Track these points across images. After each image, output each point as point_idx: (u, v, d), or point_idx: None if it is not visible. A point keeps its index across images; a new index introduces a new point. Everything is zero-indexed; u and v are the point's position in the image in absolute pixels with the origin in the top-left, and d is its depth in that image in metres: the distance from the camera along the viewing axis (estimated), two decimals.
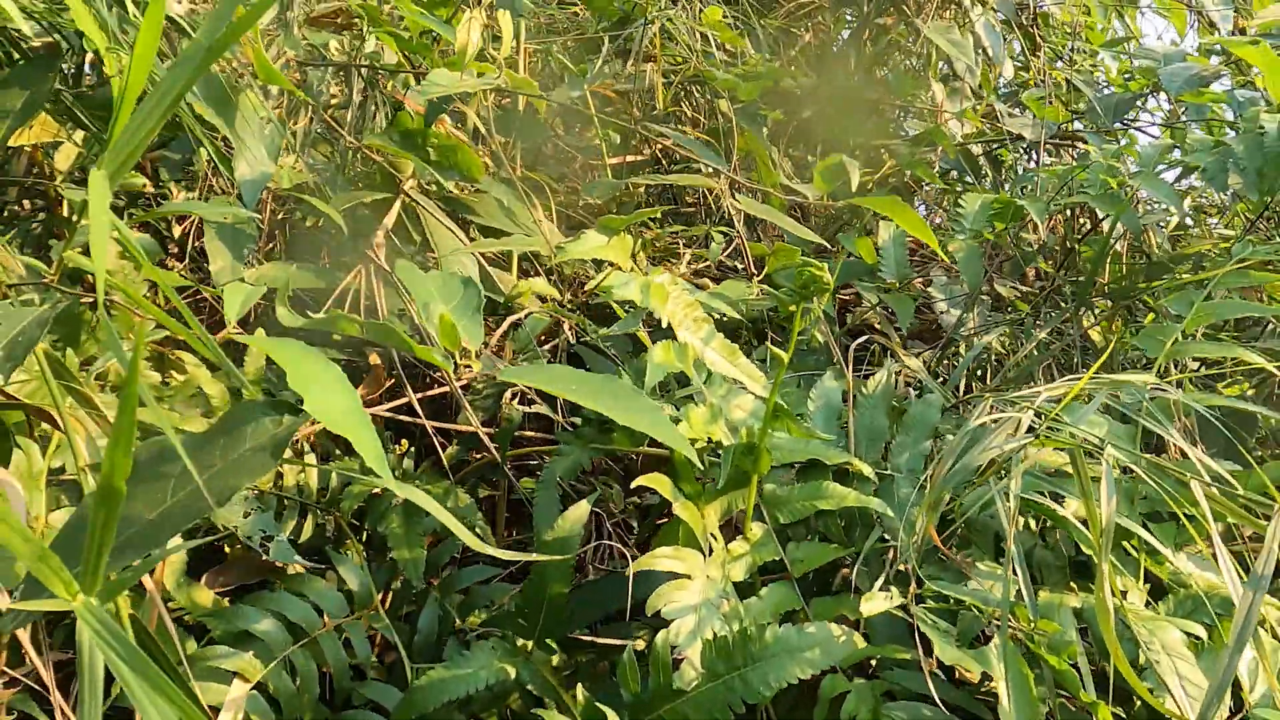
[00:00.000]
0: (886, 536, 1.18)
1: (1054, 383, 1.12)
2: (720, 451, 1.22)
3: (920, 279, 2.47)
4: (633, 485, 1.01)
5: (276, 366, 1.51)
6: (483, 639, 1.10)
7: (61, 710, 0.97)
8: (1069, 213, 2.41)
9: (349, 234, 1.54)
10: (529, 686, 1.13)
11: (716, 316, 1.42)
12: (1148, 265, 1.69)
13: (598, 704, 0.93)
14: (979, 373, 1.98)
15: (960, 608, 0.96)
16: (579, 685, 0.98)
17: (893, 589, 0.98)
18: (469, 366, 0.93)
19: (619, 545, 1.36)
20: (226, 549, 1.45)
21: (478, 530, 1.47)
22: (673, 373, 1.40)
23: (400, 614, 1.34)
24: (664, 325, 1.32)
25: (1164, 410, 1.15)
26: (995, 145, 2.50)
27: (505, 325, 1.57)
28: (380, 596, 1.36)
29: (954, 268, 2.69)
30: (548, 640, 1.11)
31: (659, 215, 2.18)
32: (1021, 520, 1.22)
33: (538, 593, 1.09)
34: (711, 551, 1.09)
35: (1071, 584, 1.09)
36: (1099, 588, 0.79)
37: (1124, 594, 1.06)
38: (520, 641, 1.13)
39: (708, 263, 2.18)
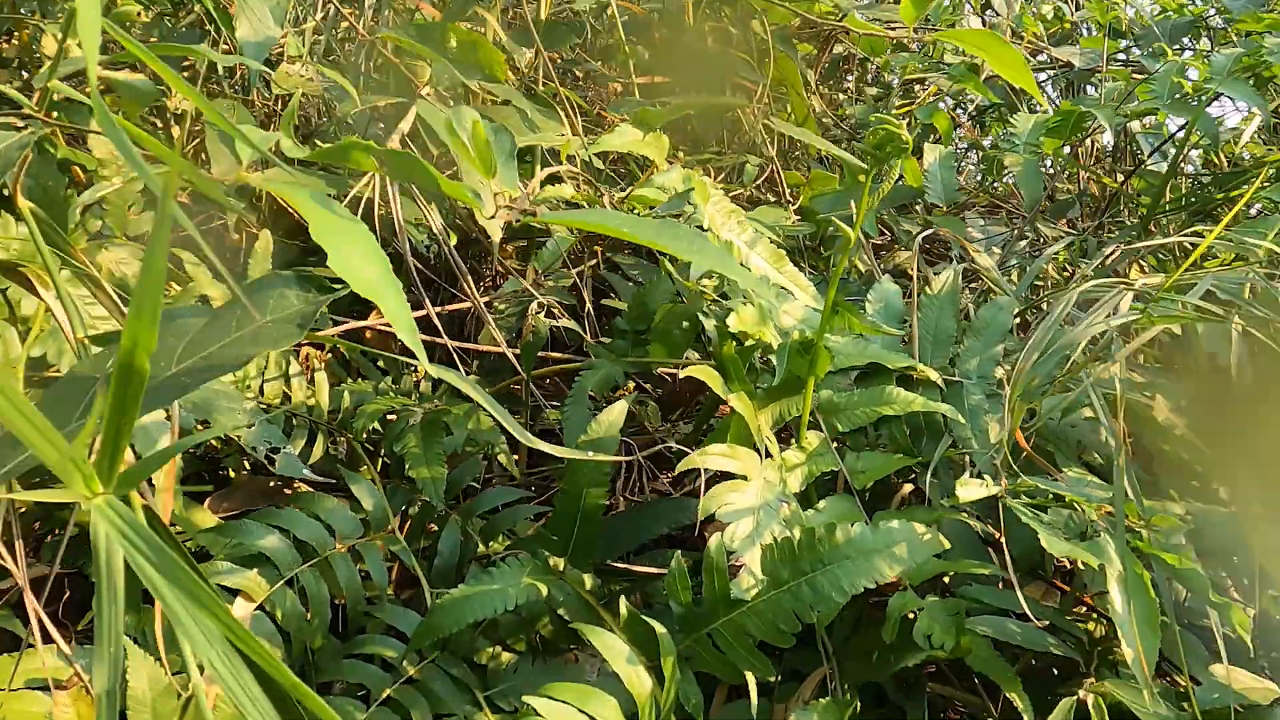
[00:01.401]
0: (957, 445, 1.06)
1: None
2: (771, 357, 1.11)
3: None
4: (680, 375, 0.90)
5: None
6: (509, 560, 0.98)
7: (43, 622, 0.86)
8: (1118, 150, 2.27)
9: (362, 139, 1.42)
10: (561, 610, 1.02)
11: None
12: (1220, 175, 1.56)
13: (644, 617, 0.82)
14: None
15: (1055, 504, 0.85)
16: (621, 599, 0.87)
17: (987, 478, 0.86)
18: (506, 207, 0.81)
19: (654, 473, 1.24)
20: (231, 473, 1.34)
21: (499, 456, 1.36)
22: (714, 285, 1.29)
23: (418, 539, 1.24)
24: (704, 228, 1.20)
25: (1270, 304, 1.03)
26: (1040, 78, 2.36)
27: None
28: (397, 521, 1.25)
29: (993, 208, 2.56)
30: (582, 557, 1.00)
31: (691, 133, 2.06)
32: (1103, 433, 1.10)
33: (571, 503, 0.98)
34: (768, 454, 0.97)
35: (1171, 493, 0.98)
36: None
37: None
38: (552, 560, 1.02)
39: (741, 191, 2.06)
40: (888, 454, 1.05)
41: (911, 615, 0.93)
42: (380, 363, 1.60)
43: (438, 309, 1.40)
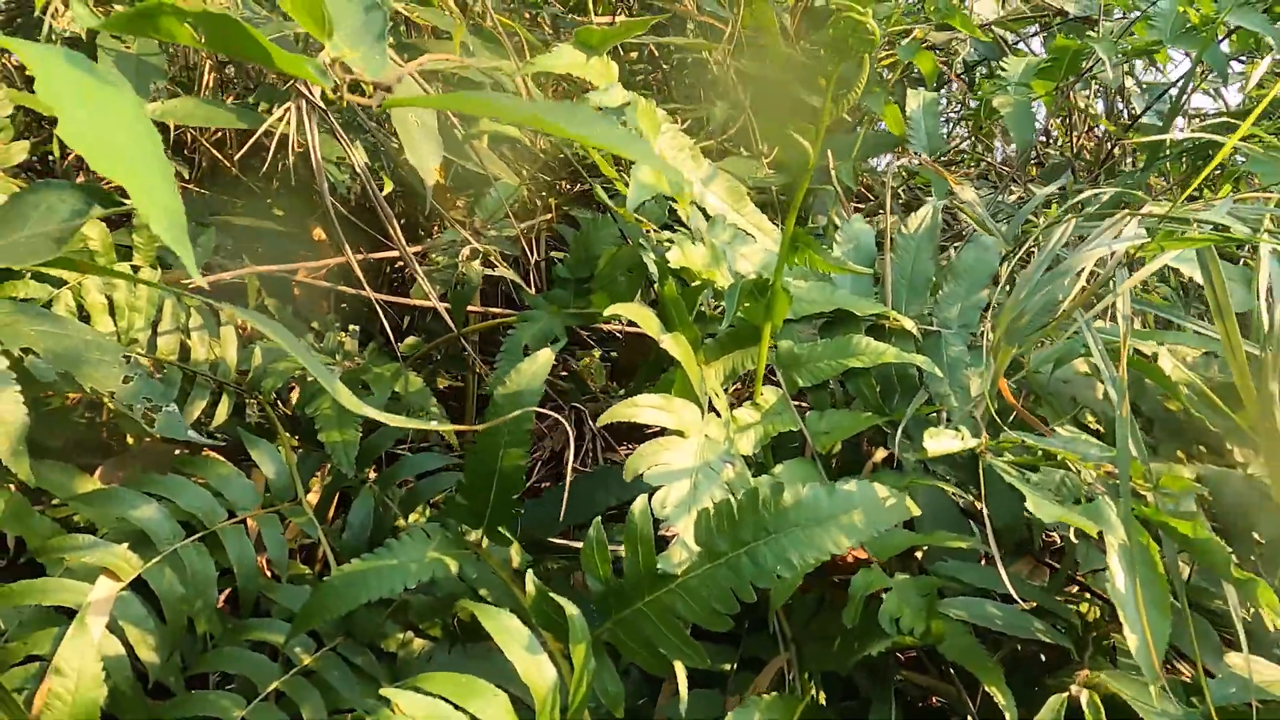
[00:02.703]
0: (935, 403, 0.93)
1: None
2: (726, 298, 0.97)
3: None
4: (606, 312, 0.76)
5: None
6: (413, 532, 0.85)
7: None
8: (1113, 112, 2.14)
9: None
10: (484, 590, 0.89)
11: None
12: (1226, 115, 1.42)
13: (553, 595, 0.68)
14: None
15: (1045, 463, 0.71)
16: (529, 575, 0.74)
17: (963, 430, 0.73)
18: (359, 91, 0.67)
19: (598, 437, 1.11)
20: (130, 439, 1.20)
21: (433, 415, 1.22)
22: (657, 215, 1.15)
23: (330, 510, 1.10)
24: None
25: None
26: (1032, 30, 2.22)
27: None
28: (317, 491, 1.12)
29: (975, 169, 2.42)
30: (501, 528, 0.87)
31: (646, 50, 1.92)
32: (1100, 389, 0.96)
33: (485, 463, 0.84)
34: (714, 411, 0.84)
35: (1179, 454, 0.85)
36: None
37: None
38: (468, 532, 0.89)
39: (709, 143, 1.92)
40: (855, 413, 0.92)
41: (881, 596, 0.80)
42: (316, 325, 1.46)
43: (359, 256, 1.26)
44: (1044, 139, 2.46)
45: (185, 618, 0.89)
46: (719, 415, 0.82)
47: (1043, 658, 0.92)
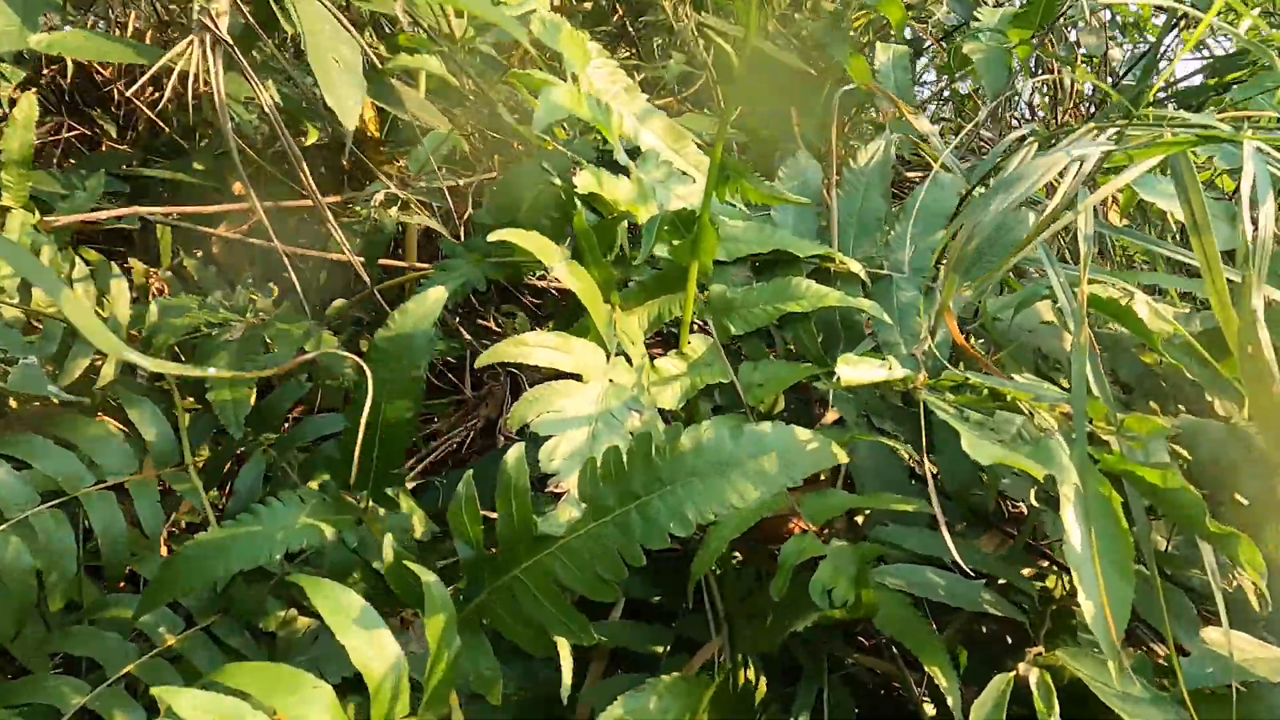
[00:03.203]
0: (882, 351, 0.83)
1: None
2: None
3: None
4: (490, 237, 0.66)
5: None
6: (284, 495, 0.75)
7: None
8: (1099, 72, 2.04)
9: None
10: (375, 561, 0.79)
11: None
12: (1216, 62, 1.32)
13: (408, 563, 0.58)
14: None
15: (996, 405, 0.61)
16: (386, 539, 0.63)
17: (890, 359, 0.63)
18: None
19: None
20: (14, 404, 1.10)
21: (347, 377, 1.11)
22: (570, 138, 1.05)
23: (223, 477, 1.00)
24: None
25: None
26: None
27: None
28: (199, 454, 1.01)
29: (955, 139, 2.32)
30: (389, 490, 0.77)
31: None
32: (1068, 340, 0.86)
33: (377, 386, 0.74)
34: (627, 359, 0.73)
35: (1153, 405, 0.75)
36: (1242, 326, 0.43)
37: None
38: (350, 496, 0.78)
39: (668, 99, 1.82)
40: (793, 363, 0.82)
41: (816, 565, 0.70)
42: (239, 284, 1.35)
43: (268, 204, 1.15)
44: (1027, 114, 2.37)
45: (34, 591, 0.79)
46: (630, 362, 0.72)
47: (1008, 638, 0.82)
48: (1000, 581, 0.71)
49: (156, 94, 1.53)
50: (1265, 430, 0.53)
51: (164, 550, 0.93)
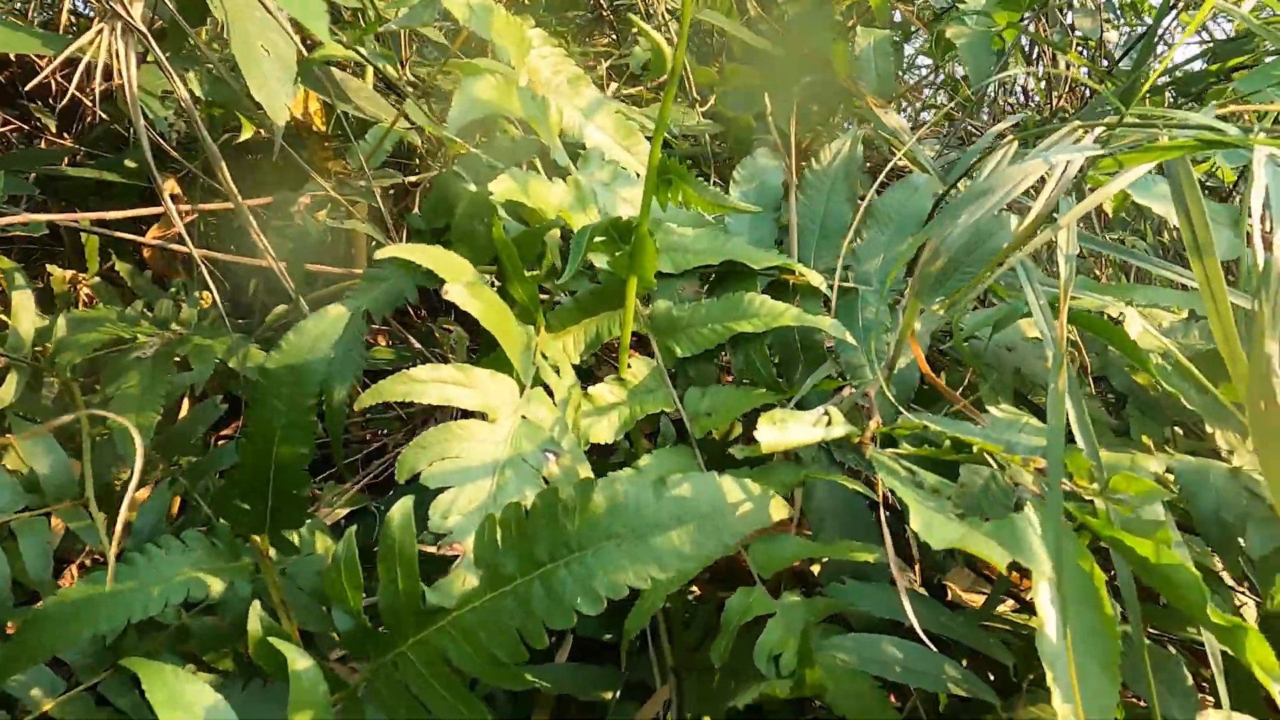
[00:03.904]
0: (845, 376, 0.74)
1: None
2: (596, 256, 0.78)
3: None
4: (378, 255, 0.57)
5: None
6: (164, 541, 0.66)
7: None
8: (1094, 57, 1.94)
9: None
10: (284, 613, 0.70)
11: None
12: (1215, 45, 1.23)
13: (273, 640, 0.49)
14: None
15: (963, 456, 0.52)
16: (254, 607, 0.55)
17: (832, 411, 0.54)
18: None
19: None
20: None
21: None
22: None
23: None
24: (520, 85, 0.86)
25: None
26: None
27: None
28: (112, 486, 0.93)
29: (943, 128, 2.23)
30: (288, 533, 0.68)
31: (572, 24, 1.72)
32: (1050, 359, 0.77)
33: (257, 455, 0.65)
34: (546, 390, 0.65)
35: (1145, 439, 0.66)
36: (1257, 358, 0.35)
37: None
38: (244, 539, 0.70)
39: (638, 88, 1.72)
40: (744, 390, 0.73)
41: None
42: (174, 289, 1.26)
43: (187, 208, 1.06)
44: (1022, 99, 2.27)
45: None
46: (550, 392, 0.63)
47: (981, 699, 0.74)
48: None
49: (105, 85, 1.44)
50: (1278, 488, 0.44)
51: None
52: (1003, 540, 0.42)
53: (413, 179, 1.36)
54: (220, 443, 1.13)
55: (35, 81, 1.03)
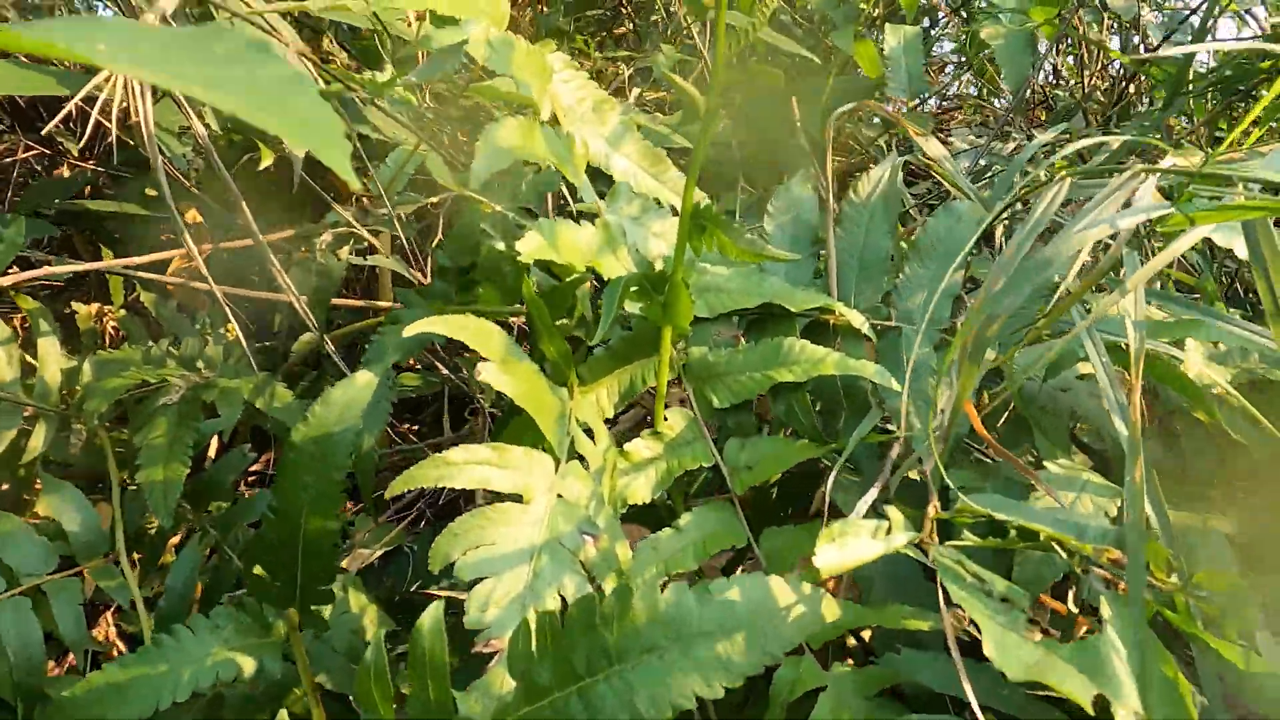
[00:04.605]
0: (889, 426, 0.71)
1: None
2: (630, 303, 0.75)
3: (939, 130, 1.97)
4: (407, 332, 0.55)
5: None
6: (195, 621, 0.64)
7: None
8: (1125, 46, 1.88)
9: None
10: (328, 681, 0.69)
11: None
12: (1267, 35, 1.18)
13: None
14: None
15: (1023, 545, 0.49)
16: (283, 714, 0.53)
17: (891, 512, 0.51)
18: None
19: None
20: None
21: None
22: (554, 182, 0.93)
23: (157, 564, 0.90)
24: (544, 118, 0.84)
25: None
26: None
27: None
28: (142, 540, 0.92)
29: (976, 117, 2.17)
30: (314, 607, 0.66)
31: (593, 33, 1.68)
32: (1106, 401, 0.74)
33: (286, 527, 0.63)
34: (582, 459, 0.62)
35: (1211, 496, 0.63)
36: None
37: None
38: (270, 613, 0.68)
39: (662, 92, 1.69)
40: (786, 440, 0.70)
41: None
42: (200, 324, 1.25)
43: (206, 246, 1.04)
44: (1053, 79, 2.20)
45: None
46: (585, 463, 0.61)
47: None
48: None
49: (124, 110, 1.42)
50: None
51: (88, 664, 0.83)
52: (1084, 666, 0.39)
53: (435, 199, 1.34)
54: (249, 480, 1.12)
55: (54, 121, 1.02)
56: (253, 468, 1.20)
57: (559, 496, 0.57)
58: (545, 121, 0.83)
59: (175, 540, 0.95)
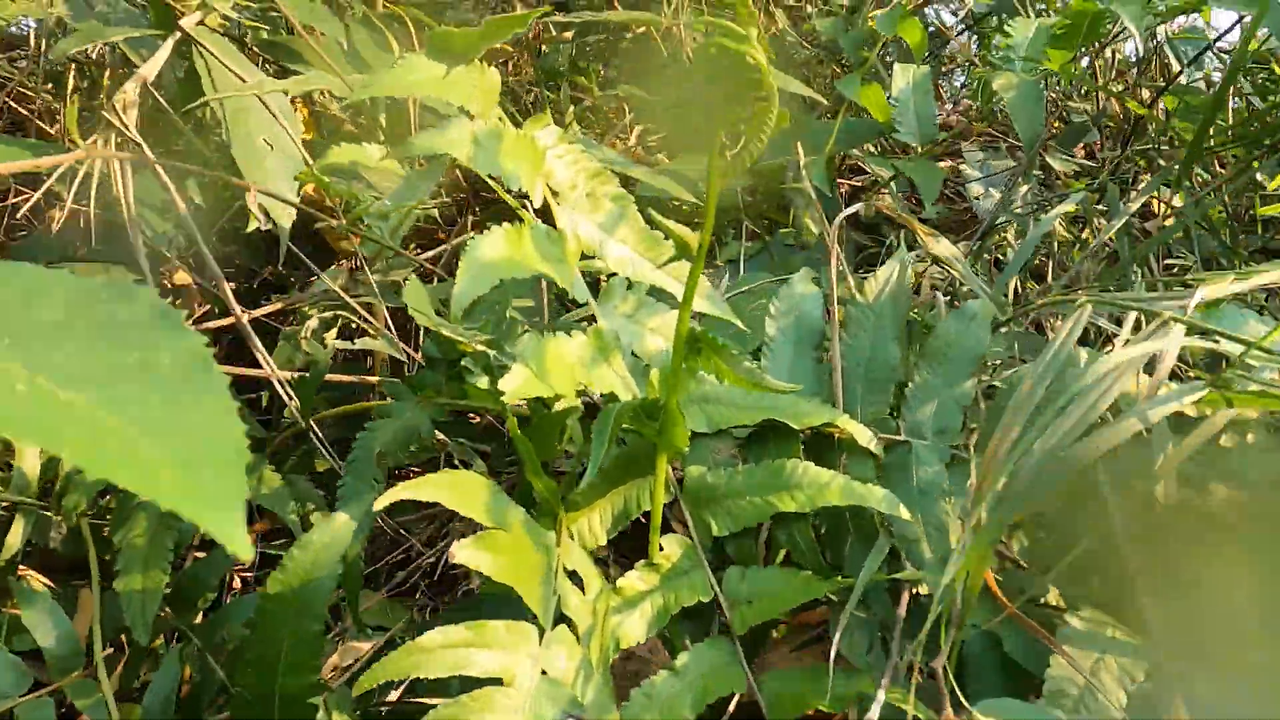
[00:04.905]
0: (900, 554, 0.67)
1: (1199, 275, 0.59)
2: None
3: (948, 152, 1.91)
4: (378, 504, 0.51)
5: None
6: None
7: None
8: (1144, 64, 1.82)
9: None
10: None
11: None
12: None
13: None
14: (1033, 274, 1.44)
15: None
16: None
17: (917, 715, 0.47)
18: None
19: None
20: None
21: (293, 523, 0.98)
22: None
23: (138, 677, 0.87)
24: (535, 205, 0.80)
25: None
26: None
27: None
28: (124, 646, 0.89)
29: (993, 138, 2.12)
30: None
31: (580, 64, 1.64)
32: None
33: (260, 684, 0.60)
34: (568, 621, 0.58)
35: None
36: None
37: None
38: None
39: (658, 134, 1.64)
40: (790, 572, 0.67)
41: None
42: None
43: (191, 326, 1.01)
44: (1064, 93, 2.15)
45: None
46: (573, 626, 0.57)
47: None
48: None
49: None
50: None
51: None
52: None
53: (430, 254, 1.30)
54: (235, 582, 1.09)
55: (30, 204, 0.98)
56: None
57: (543, 673, 0.53)
58: (537, 209, 0.79)
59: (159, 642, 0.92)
